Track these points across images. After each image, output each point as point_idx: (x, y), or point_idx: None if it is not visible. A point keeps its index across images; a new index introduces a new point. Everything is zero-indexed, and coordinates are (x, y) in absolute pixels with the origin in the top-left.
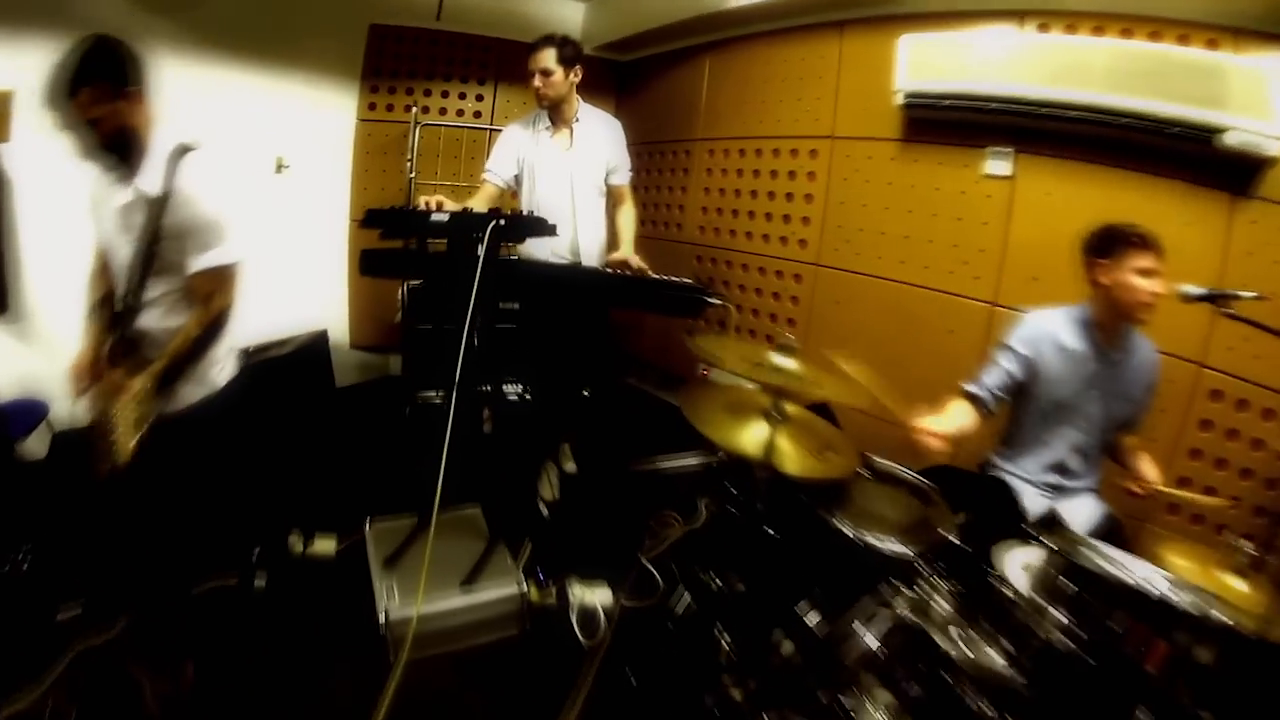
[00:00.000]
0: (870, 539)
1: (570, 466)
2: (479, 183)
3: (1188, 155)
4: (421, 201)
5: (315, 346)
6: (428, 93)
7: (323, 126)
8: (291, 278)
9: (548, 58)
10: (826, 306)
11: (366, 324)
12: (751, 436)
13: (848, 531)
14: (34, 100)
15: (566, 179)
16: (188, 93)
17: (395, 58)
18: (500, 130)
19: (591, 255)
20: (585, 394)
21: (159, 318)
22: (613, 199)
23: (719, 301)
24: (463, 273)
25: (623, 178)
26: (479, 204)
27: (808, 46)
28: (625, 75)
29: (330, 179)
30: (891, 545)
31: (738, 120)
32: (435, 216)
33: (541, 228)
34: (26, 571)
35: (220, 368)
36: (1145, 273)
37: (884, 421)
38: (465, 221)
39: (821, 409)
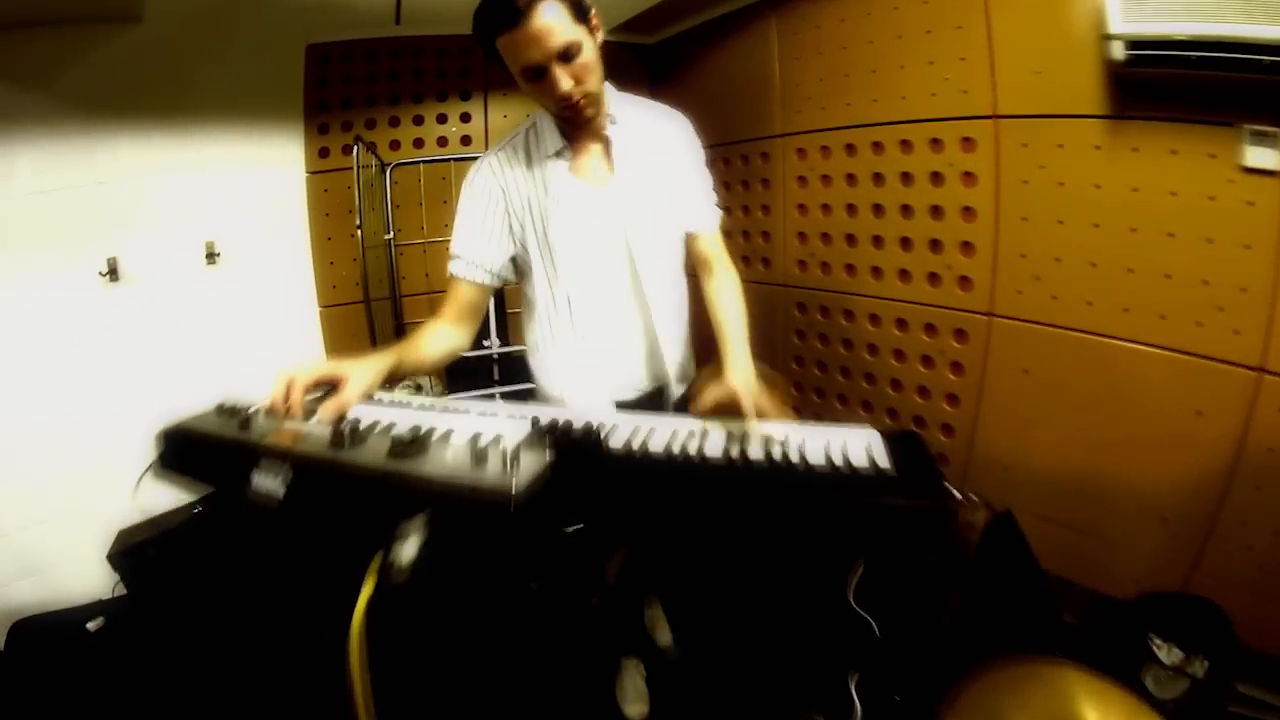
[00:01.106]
0: None
1: (665, 638)
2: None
3: None
4: (281, 385)
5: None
6: (395, 121)
7: (262, 191)
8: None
9: (557, 23)
10: (1007, 378)
11: None
12: None
13: None
14: None
15: (619, 242)
16: (76, 180)
17: (346, 82)
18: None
19: (682, 376)
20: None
21: None
22: (692, 261)
23: (963, 498)
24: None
25: (708, 218)
26: (449, 328)
27: None
28: (657, 63)
29: (283, 258)
30: None
31: (836, 103)
32: (259, 479)
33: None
34: None
35: None
36: None
37: None
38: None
39: None
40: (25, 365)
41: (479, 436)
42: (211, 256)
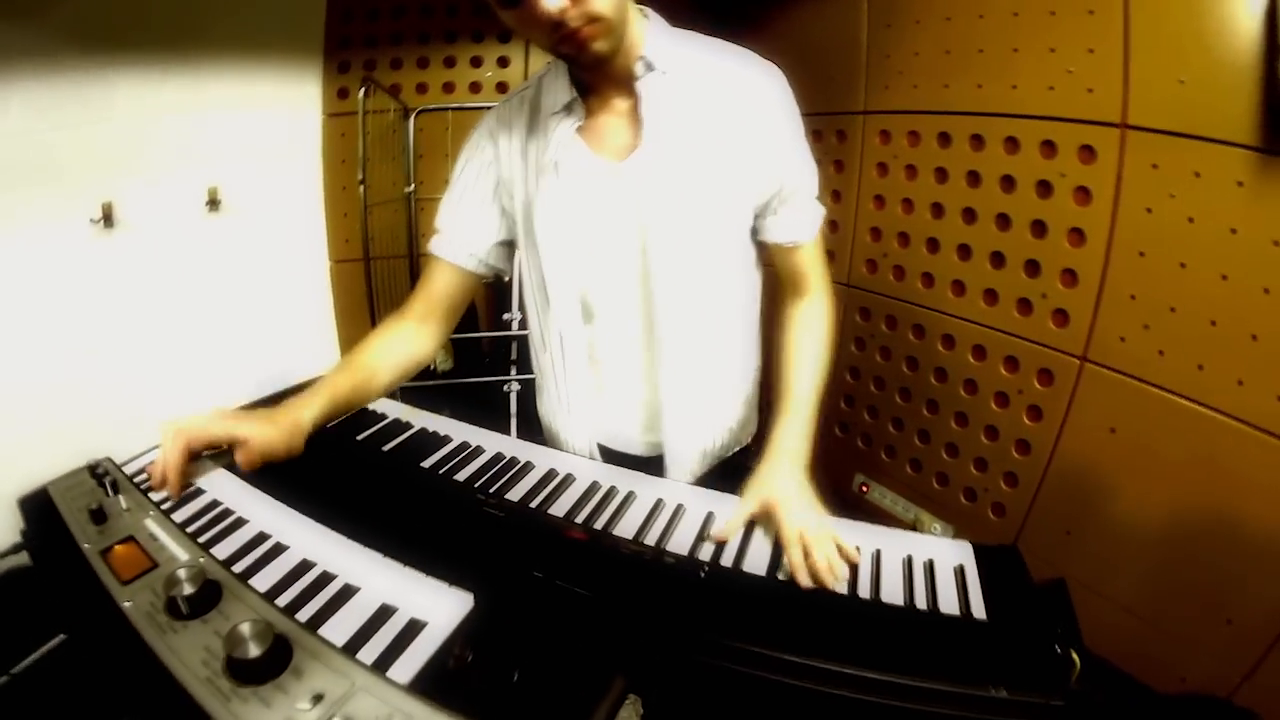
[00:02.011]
0: None
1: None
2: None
3: None
4: (167, 448)
5: None
6: (423, 62)
7: (272, 134)
8: (252, 359)
9: None
10: (1090, 433)
11: None
12: None
13: None
14: None
15: (629, 246)
16: (69, 119)
17: (372, 18)
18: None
19: (696, 448)
20: None
21: None
22: (780, 280)
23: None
24: None
25: (806, 221)
26: (412, 330)
27: None
28: (723, 13)
29: (292, 207)
30: None
31: (932, 83)
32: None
33: None
34: None
35: None
36: None
37: None
38: None
39: None
40: (12, 316)
41: (383, 618)
42: (214, 203)
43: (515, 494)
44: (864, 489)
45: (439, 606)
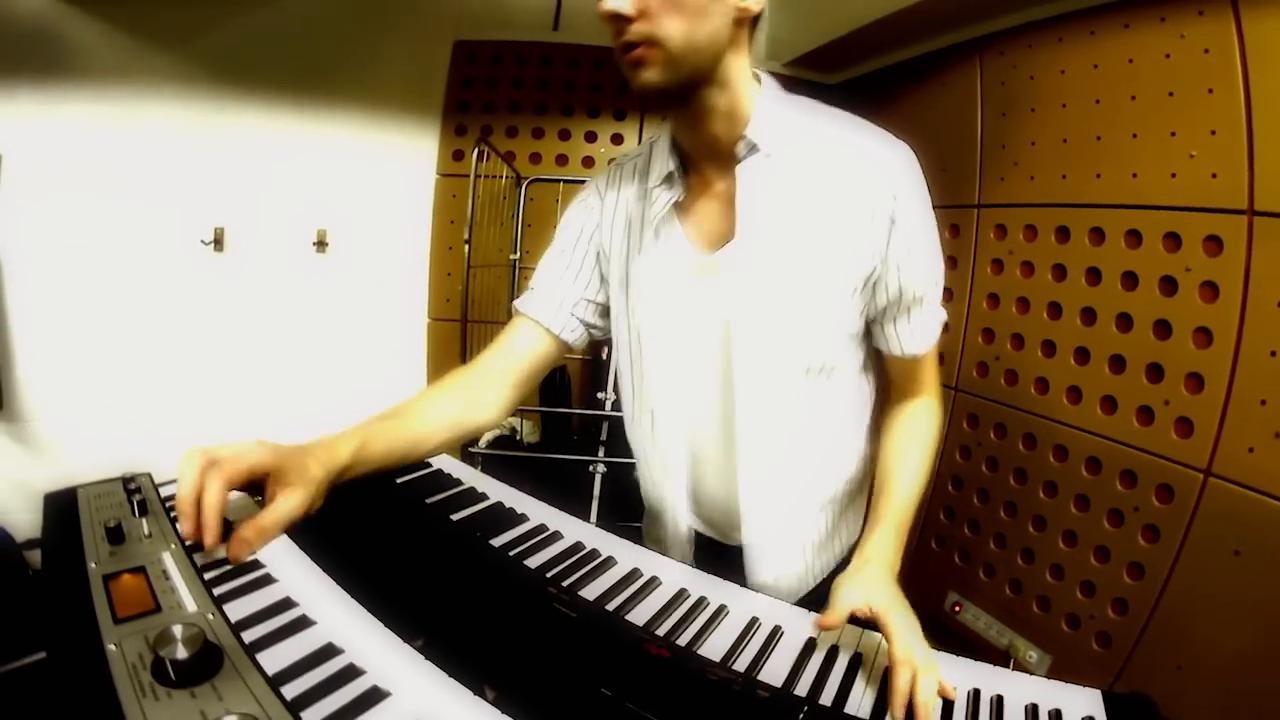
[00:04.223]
0: None
1: None
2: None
3: None
4: (191, 480)
5: None
6: (539, 133)
7: (385, 186)
8: (335, 401)
9: None
10: (1211, 556)
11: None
12: None
13: None
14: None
15: (716, 339)
16: (196, 142)
17: (491, 86)
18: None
19: (779, 556)
20: None
21: None
22: (889, 381)
23: None
24: None
25: (921, 332)
26: (475, 387)
27: (1169, 31)
28: (831, 98)
29: (397, 260)
30: None
31: (1049, 173)
32: None
33: None
34: None
35: None
36: None
37: None
38: None
39: None
40: (120, 314)
41: None
42: (321, 244)
43: (591, 591)
44: (957, 609)
45: None
